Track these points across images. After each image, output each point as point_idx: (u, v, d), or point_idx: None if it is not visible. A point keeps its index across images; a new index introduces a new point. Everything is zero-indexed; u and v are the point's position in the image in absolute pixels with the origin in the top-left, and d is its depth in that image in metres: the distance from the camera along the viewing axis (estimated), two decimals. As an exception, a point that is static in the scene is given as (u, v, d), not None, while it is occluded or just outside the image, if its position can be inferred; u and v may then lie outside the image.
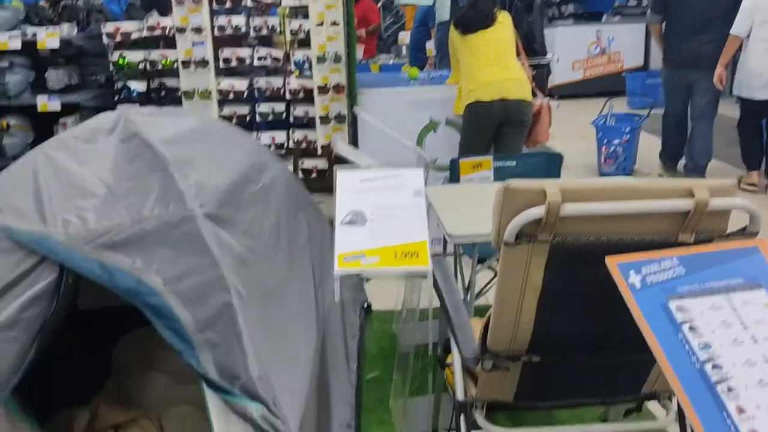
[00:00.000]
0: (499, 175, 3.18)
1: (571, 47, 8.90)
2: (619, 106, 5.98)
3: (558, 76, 8.39)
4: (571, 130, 6.80)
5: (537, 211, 1.35)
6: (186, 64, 3.75)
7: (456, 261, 2.96)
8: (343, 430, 2.28)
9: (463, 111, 3.76)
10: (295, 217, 2.57)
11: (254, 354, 1.52)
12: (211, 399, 1.47)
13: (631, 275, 1.06)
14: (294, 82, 3.88)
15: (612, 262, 1.07)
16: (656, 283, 1.06)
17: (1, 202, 1.74)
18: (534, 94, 3.81)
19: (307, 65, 3.85)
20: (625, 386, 1.73)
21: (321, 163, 4.05)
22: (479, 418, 1.69)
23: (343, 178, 1.81)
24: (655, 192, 1.37)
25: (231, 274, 1.65)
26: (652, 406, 1.99)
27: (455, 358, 1.72)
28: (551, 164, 3.19)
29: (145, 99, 3.93)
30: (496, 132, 3.73)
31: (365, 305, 3.18)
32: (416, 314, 3.12)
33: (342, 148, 2.57)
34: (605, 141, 5.58)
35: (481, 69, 3.68)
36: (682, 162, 5.59)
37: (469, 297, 2.49)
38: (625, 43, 9.27)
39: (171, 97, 3.88)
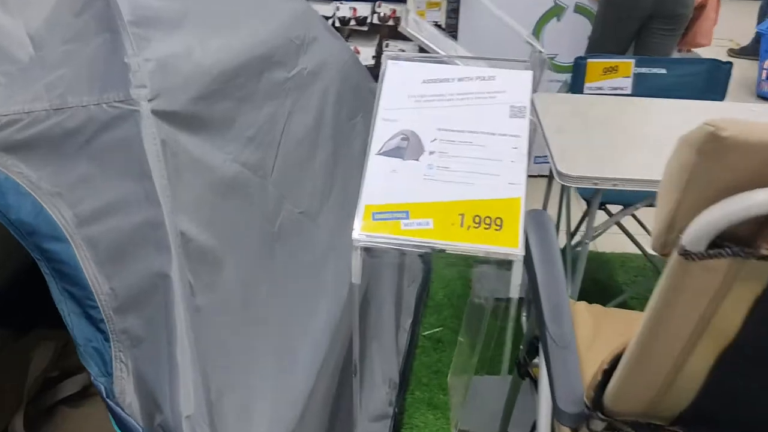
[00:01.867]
0: (641, 85, 2.33)
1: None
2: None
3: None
4: (716, 34, 5.58)
5: (776, 200, 0.60)
6: None
7: (562, 197, 2.21)
8: (377, 420, 1.68)
9: (601, -6, 2.84)
10: (349, 120, 1.88)
11: (198, 369, 0.88)
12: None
13: None
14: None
15: None
16: None
17: None
18: (701, -21, 2.82)
19: None
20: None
21: (409, 47, 3.27)
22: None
23: (394, 72, 1.09)
24: None
25: (189, 215, 1.00)
26: None
27: (542, 399, 1.04)
28: (716, 77, 2.30)
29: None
30: (641, 26, 2.80)
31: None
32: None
33: (413, 26, 1.80)
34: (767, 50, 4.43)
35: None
36: None
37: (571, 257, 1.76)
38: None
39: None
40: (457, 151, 1.01)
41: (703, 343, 0.77)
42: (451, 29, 3.12)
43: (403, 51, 3.26)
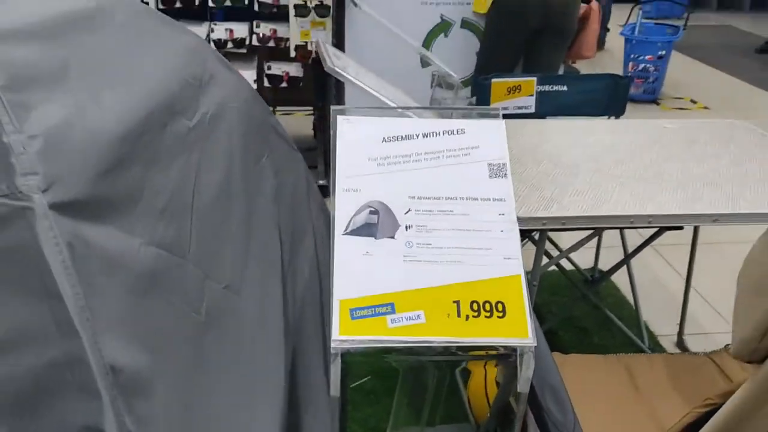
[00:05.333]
0: (545, 103, 2.30)
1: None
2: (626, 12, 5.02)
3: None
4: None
5: None
6: None
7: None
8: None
9: (489, 8, 2.80)
10: (255, 164, 1.67)
11: None
12: None
13: None
14: (261, -44, 2.85)
15: None
16: None
17: None
18: (582, -7, 2.86)
19: (280, -68, 2.81)
20: None
21: (294, 69, 3.09)
22: None
23: (348, 131, 0.92)
24: None
25: (114, 335, 0.78)
26: None
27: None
28: (617, 92, 2.31)
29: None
30: (530, 41, 2.80)
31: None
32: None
33: (338, 63, 1.63)
34: (634, 56, 4.67)
35: (516, -47, 2.71)
36: None
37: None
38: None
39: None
40: (437, 223, 0.86)
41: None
42: (338, 49, 2.96)
43: (297, 78, 3.08)
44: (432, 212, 0.87)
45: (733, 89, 5.26)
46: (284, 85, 3.11)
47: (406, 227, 0.86)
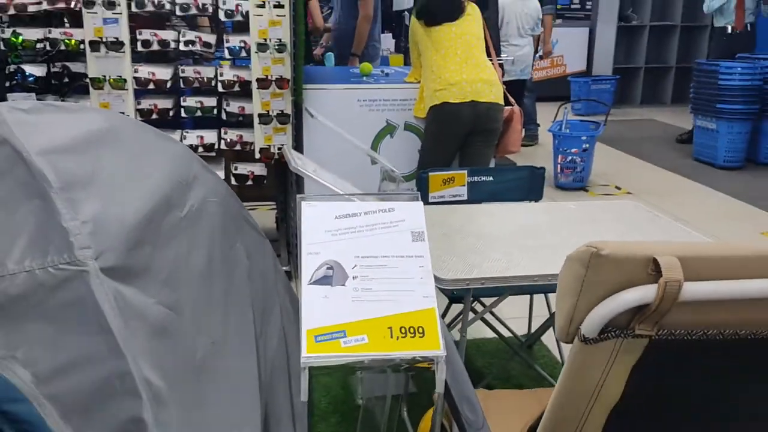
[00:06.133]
0: (475, 192, 2.70)
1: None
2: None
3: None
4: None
5: (643, 294, 0.86)
6: (95, 45, 3.08)
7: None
8: None
9: (427, 114, 3.27)
10: (231, 248, 2.00)
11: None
12: None
13: None
14: (228, 73, 3.28)
15: None
16: None
17: None
18: (505, 98, 3.35)
19: (244, 53, 3.26)
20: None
21: (258, 169, 3.47)
22: None
23: (310, 212, 1.27)
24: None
25: (143, 361, 1.08)
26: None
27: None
28: (534, 181, 2.74)
29: (43, 86, 3.23)
30: (463, 140, 3.26)
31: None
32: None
33: (299, 164, 2.01)
34: (562, 149, 5.22)
35: (448, 67, 3.20)
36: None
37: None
38: (569, 47, 9.04)
39: (76, 85, 3.20)
40: (375, 274, 1.20)
41: (596, 408, 1.00)
42: (296, 150, 3.37)
43: (262, 176, 3.45)
44: (372, 267, 1.22)
45: (654, 176, 5.84)
46: (249, 183, 3.47)
47: (353, 277, 1.20)
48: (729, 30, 6.49)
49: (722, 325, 0.90)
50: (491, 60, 3.38)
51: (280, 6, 3.13)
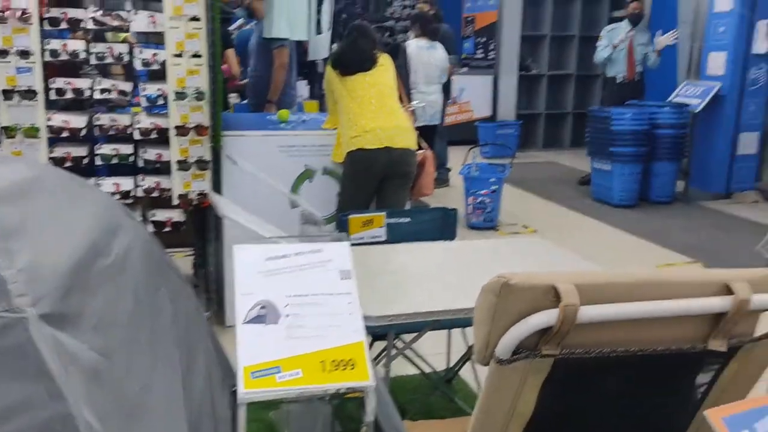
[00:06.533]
0: (393, 233, 2.82)
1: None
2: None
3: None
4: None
5: (547, 318, 0.98)
6: (8, 94, 3.04)
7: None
8: None
9: (344, 159, 3.39)
10: (156, 293, 2.02)
11: None
12: None
13: (749, 439, 0.71)
14: (145, 121, 3.30)
15: (716, 418, 0.72)
16: (781, 448, 0.72)
17: None
18: (418, 143, 3.53)
19: (161, 101, 3.29)
20: None
21: (176, 215, 3.47)
22: None
23: (242, 255, 1.34)
24: (684, 287, 1.05)
25: (81, 403, 1.11)
26: None
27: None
28: (447, 221, 2.89)
29: (-50, 134, 3.14)
30: (379, 184, 3.40)
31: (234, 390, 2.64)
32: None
33: (227, 209, 2.07)
34: (472, 191, 5.47)
35: (364, 114, 3.35)
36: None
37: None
38: (475, 94, 9.47)
39: (-14, 134, 3.13)
40: (306, 312, 1.29)
41: (512, 424, 1.11)
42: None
43: (180, 223, 3.45)
44: (303, 305, 1.30)
45: (557, 214, 6.20)
46: (168, 229, 3.46)
47: (286, 315, 1.28)
48: (620, 79, 7.04)
49: (615, 344, 1.04)
50: (403, 106, 3.56)
51: (197, 56, 3.20)
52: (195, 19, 3.16)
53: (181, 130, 3.25)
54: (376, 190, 3.43)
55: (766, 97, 6.42)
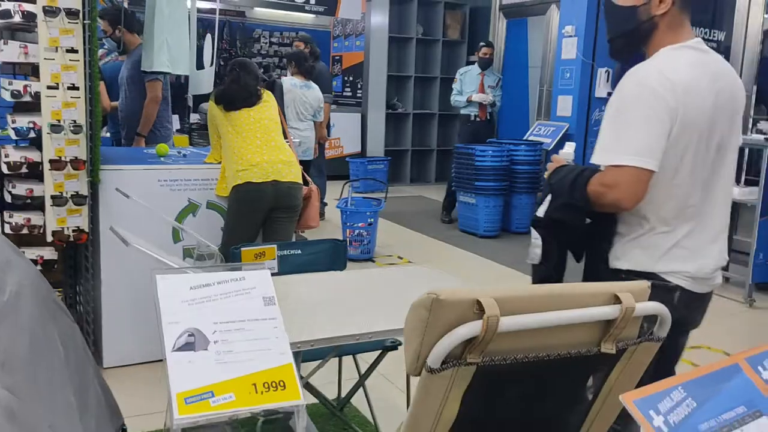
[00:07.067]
0: (285, 264, 2.87)
1: (295, 131, 9.05)
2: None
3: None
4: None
5: (472, 329, 1.10)
6: None
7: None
8: None
9: (230, 193, 3.40)
10: (48, 332, 1.94)
11: None
12: None
13: (654, 418, 0.86)
14: (14, 154, 3.13)
15: (629, 400, 0.86)
16: (679, 423, 0.87)
17: None
18: (303, 177, 3.61)
19: (33, 134, 3.14)
20: None
21: (48, 253, 3.29)
22: None
23: (164, 285, 1.36)
24: (580, 298, 1.21)
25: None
26: None
27: None
28: (337, 252, 2.98)
29: None
30: (266, 216, 3.43)
31: (122, 429, 2.54)
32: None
33: (133, 240, 2.04)
34: (349, 224, 5.61)
35: (249, 149, 3.39)
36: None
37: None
38: (344, 130, 9.70)
39: None
40: (234, 337, 1.32)
41: (438, 428, 1.22)
42: (92, 232, 3.28)
43: (52, 261, 3.26)
44: (230, 331, 1.33)
45: (428, 245, 6.47)
46: (39, 268, 3.27)
47: (214, 342, 1.31)
48: (473, 118, 7.53)
49: (527, 350, 1.18)
50: (287, 141, 3.63)
51: (74, 88, 3.10)
52: (72, 50, 3.06)
53: (56, 164, 3.11)
54: (262, 223, 3.46)
55: (607, 137, 7.12)
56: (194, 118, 8.47)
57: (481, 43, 7.75)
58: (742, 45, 6.16)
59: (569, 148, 2.13)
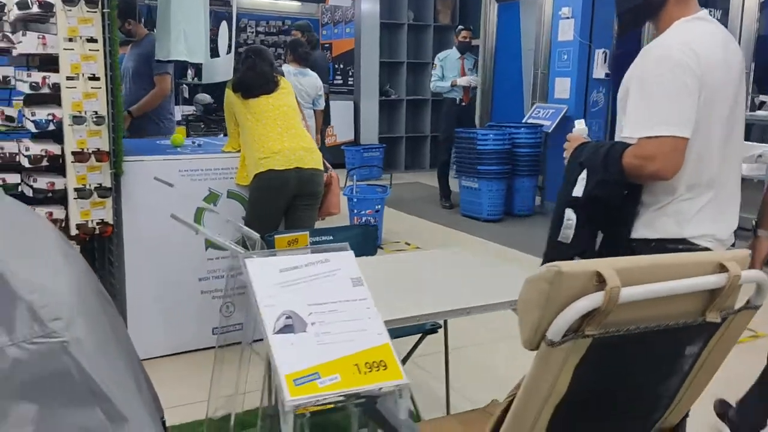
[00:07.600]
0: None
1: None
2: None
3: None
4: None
5: (594, 300, 1.09)
6: None
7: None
8: None
9: (251, 181, 3.36)
10: (101, 320, 1.92)
11: None
12: None
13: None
14: (35, 147, 3.07)
15: None
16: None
17: None
18: (324, 164, 3.58)
19: (53, 126, 3.08)
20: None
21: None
22: None
23: (255, 268, 1.34)
24: (688, 267, 1.22)
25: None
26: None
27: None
28: (368, 237, 2.97)
29: None
30: (288, 204, 3.40)
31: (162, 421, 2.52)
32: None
33: (203, 229, 2.01)
34: (357, 211, 5.58)
35: (270, 137, 3.35)
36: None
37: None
38: (337, 118, 9.65)
39: None
40: (329, 318, 1.30)
41: (548, 404, 1.21)
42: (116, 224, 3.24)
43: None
44: (324, 312, 1.31)
45: (433, 231, 6.48)
46: (62, 262, 3.22)
47: (311, 324, 1.29)
48: (458, 102, 7.45)
49: (640, 321, 1.17)
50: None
51: (95, 78, 3.04)
52: (92, 40, 3.00)
53: (80, 156, 3.05)
54: (285, 211, 3.43)
55: (605, 117, 7.15)
56: (189, 109, 8.39)
57: (460, 27, 7.65)
58: (739, 23, 6.20)
59: (581, 124, 2.15)
